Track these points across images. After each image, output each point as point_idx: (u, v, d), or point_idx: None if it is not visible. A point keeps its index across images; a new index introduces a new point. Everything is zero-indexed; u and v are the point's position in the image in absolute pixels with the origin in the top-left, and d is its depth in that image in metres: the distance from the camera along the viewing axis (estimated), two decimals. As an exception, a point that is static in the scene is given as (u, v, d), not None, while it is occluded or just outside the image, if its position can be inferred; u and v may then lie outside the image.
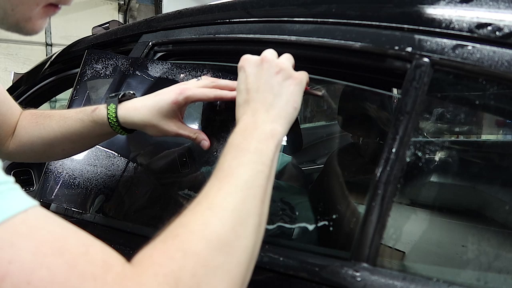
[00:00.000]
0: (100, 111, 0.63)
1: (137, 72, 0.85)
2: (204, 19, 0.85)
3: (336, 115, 1.14)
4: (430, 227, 0.82)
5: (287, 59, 0.56)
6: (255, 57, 0.56)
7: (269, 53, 0.56)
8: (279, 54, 0.71)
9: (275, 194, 0.88)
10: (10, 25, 0.44)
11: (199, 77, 0.65)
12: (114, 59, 0.89)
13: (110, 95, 0.63)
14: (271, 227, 0.77)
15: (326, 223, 0.70)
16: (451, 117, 0.64)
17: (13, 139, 0.69)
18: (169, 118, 0.61)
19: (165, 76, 0.82)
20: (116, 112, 0.61)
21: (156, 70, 0.83)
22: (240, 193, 0.41)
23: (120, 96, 0.63)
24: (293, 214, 0.83)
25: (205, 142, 0.64)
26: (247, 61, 0.55)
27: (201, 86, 0.62)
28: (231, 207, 0.39)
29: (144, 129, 0.62)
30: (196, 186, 0.71)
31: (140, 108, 0.61)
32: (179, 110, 0.63)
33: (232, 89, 0.62)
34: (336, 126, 1.11)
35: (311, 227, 0.77)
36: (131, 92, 0.65)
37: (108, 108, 0.62)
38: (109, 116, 0.62)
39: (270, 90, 0.52)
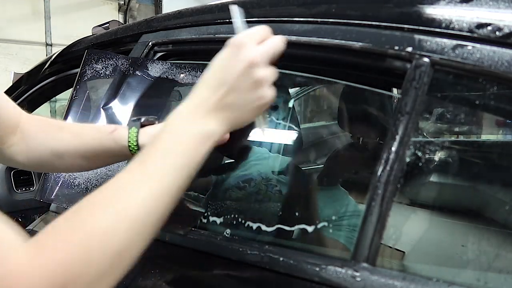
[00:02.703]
0: (120, 133, 0.63)
1: (137, 72, 0.85)
2: (204, 19, 0.85)
3: (336, 115, 1.14)
4: (430, 227, 0.82)
5: (272, 74, 0.51)
6: (241, 41, 0.49)
7: (259, 54, 0.49)
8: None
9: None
10: None
11: None
12: (114, 59, 0.89)
13: (133, 119, 0.64)
14: (271, 229, 0.77)
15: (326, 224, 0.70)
16: (451, 117, 0.64)
17: (19, 145, 0.66)
18: None
19: (165, 76, 0.82)
20: (137, 137, 0.62)
21: (156, 70, 0.83)
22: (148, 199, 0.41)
23: (142, 121, 0.64)
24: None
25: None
26: (234, 41, 0.50)
27: None
28: (133, 212, 0.40)
29: None
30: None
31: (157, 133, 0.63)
32: None
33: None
34: (336, 126, 1.11)
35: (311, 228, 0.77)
36: (153, 117, 0.66)
37: (130, 131, 0.62)
38: (129, 140, 0.62)
39: (238, 92, 0.48)
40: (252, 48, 0.49)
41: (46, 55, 3.83)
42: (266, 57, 0.50)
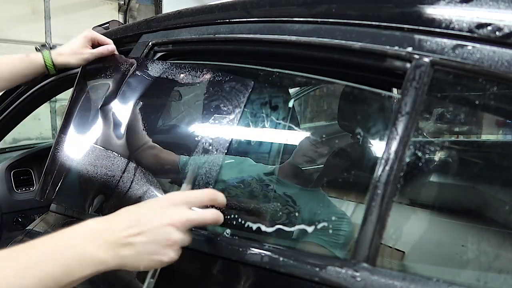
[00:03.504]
0: (34, 56, 0.88)
1: (136, 72, 0.85)
2: (204, 19, 0.85)
3: (336, 115, 1.14)
4: (430, 227, 0.82)
5: (186, 239, 0.52)
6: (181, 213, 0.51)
7: (185, 219, 0.51)
8: (279, 54, 0.71)
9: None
10: None
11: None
12: (114, 59, 0.89)
13: (40, 45, 0.90)
14: (271, 229, 0.77)
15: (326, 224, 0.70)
16: (451, 117, 0.64)
17: None
18: (84, 49, 0.89)
19: (164, 76, 0.82)
20: (51, 57, 0.88)
21: (155, 70, 0.83)
22: None
23: (47, 46, 0.90)
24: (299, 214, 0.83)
25: (109, 47, 0.90)
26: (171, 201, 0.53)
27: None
28: None
29: (70, 62, 0.89)
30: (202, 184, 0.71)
31: (62, 51, 0.89)
32: (88, 43, 0.89)
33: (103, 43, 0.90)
34: (336, 126, 1.10)
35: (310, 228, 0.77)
36: (49, 43, 0.92)
37: (43, 54, 0.87)
38: (45, 61, 0.87)
39: (146, 233, 0.49)
40: (182, 210, 0.51)
41: (46, 55, 3.82)
42: (189, 224, 0.51)
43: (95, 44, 0.92)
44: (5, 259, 0.44)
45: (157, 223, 0.50)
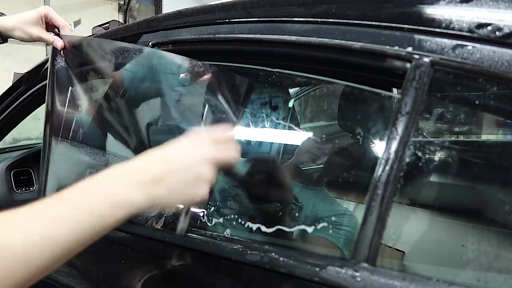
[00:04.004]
0: None
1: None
2: (204, 19, 0.85)
3: (336, 115, 1.14)
4: (430, 227, 0.82)
5: (214, 176, 0.52)
6: (205, 147, 0.52)
7: (214, 155, 0.52)
8: (279, 54, 0.71)
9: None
10: None
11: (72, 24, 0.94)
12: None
13: None
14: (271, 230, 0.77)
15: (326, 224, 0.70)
16: (451, 117, 0.63)
17: None
18: (33, 25, 0.85)
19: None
20: None
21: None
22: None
23: None
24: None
25: (58, 43, 0.87)
26: (194, 140, 0.53)
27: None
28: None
29: (13, 32, 0.88)
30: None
31: (10, 18, 0.87)
32: (39, 24, 0.86)
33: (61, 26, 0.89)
34: (336, 126, 1.11)
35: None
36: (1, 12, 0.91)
37: None
38: None
39: (176, 173, 0.49)
40: (210, 148, 0.52)
41: (46, 55, 3.83)
42: (217, 162, 0.52)
43: (48, 23, 0.90)
44: (32, 212, 0.42)
45: (188, 161, 0.50)
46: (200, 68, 0.80)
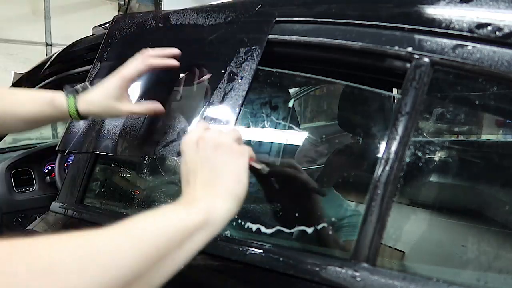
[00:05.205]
0: (59, 100, 0.71)
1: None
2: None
3: (336, 115, 1.14)
4: (430, 227, 0.82)
5: (229, 134, 0.54)
6: (193, 137, 0.53)
7: (208, 132, 0.53)
8: (279, 54, 0.71)
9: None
10: None
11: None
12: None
13: (69, 89, 0.73)
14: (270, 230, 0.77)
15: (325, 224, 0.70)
16: (451, 117, 0.64)
17: None
18: (118, 100, 0.70)
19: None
20: (75, 104, 0.71)
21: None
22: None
23: (77, 90, 0.72)
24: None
25: (159, 107, 0.72)
26: (185, 143, 0.54)
27: (131, 64, 0.71)
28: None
29: (101, 115, 0.77)
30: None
31: (95, 98, 0.71)
32: (125, 91, 0.71)
33: (163, 56, 0.71)
34: (336, 126, 1.11)
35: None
36: (86, 85, 0.74)
37: (68, 100, 0.71)
38: (69, 109, 0.71)
39: (207, 167, 0.50)
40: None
41: (46, 55, 3.83)
42: (211, 129, 0.54)
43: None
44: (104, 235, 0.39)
45: (192, 150, 0.52)
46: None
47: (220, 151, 0.51)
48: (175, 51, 0.73)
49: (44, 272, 0.33)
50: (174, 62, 0.72)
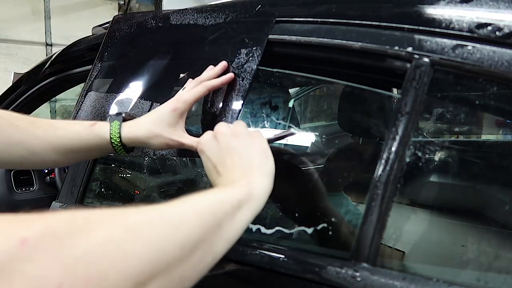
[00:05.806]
0: (101, 126, 0.63)
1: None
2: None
3: (336, 115, 1.14)
4: (430, 227, 0.82)
5: (238, 124, 0.57)
6: (209, 135, 0.56)
7: (221, 126, 0.56)
8: (279, 54, 0.71)
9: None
10: None
11: (184, 87, 0.68)
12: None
13: (114, 114, 0.67)
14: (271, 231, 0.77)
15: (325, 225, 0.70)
16: (451, 117, 0.64)
17: None
18: (171, 127, 0.62)
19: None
20: (120, 130, 0.62)
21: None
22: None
23: (124, 115, 0.65)
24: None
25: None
26: (202, 143, 0.56)
27: (191, 89, 0.65)
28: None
29: (147, 142, 0.63)
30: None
31: (143, 122, 0.63)
32: (180, 118, 0.63)
33: (215, 76, 0.68)
34: (336, 126, 1.11)
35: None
36: (133, 113, 0.71)
37: (112, 125, 0.62)
38: (112, 133, 0.62)
39: (234, 154, 0.52)
40: (209, 132, 0.56)
41: (46, 55, 3.84)
42: (225, 125, 0.56)
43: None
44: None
45: (214, 142, 0.54)
46: None
47: (240, 137, 0.54)
48: (224, 64, 0.69)
49: (140, 231, 0.34)
50: (230, 76, 0.68)
